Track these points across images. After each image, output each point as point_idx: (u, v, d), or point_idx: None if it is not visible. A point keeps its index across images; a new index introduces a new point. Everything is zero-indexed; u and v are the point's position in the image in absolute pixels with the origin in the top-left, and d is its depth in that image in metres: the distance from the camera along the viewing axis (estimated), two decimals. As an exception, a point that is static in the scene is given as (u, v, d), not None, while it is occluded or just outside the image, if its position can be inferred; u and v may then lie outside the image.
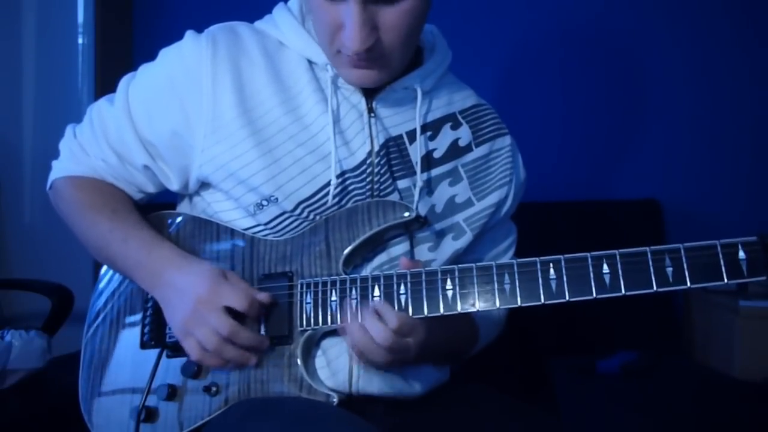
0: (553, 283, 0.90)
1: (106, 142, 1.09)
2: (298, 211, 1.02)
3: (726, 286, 0.87)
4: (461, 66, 1.19)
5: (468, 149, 1.11)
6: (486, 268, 0.93)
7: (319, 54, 1.03)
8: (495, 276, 0.92)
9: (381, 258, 1.03)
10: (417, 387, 1.06)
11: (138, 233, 1.05)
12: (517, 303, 0.91)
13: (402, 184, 1.05)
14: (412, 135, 1.07)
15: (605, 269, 0.88)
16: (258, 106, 1.02)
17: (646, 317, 2.04)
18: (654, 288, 0.87)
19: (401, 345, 0.92)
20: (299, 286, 1.00)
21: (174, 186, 1.10)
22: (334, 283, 0.98)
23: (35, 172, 2.01)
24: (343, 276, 0.98)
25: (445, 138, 1.10)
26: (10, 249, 2.04)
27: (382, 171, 1.04)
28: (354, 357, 0.98)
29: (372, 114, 1.05)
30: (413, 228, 1.03)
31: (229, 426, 0.94)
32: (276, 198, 1.01)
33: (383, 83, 1.03)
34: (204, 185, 1.08)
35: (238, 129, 1.01)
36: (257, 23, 1.09)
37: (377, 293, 0.95)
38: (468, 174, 1.10)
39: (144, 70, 1.10)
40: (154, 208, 1.13)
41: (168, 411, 1.01)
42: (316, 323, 0.97)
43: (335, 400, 0.95)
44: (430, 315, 0.93)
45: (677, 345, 2.17)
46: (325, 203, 1.01)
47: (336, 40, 0.96)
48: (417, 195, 1.03)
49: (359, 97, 1.05)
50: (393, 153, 1.05)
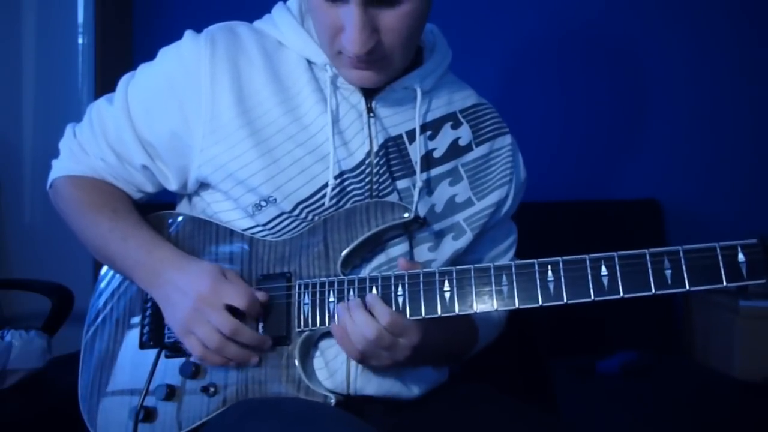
0: (551, 285, 0.89)
1: (105, 141, 1.09)
2: (296, 212, 1.01)
3: (725, 287, 0.86)
4: (462, 65, 1.19)
5: (468, 149, 1.11)
6: (484, 269, 0.92)
7: (319, 54, 1.03)
8: (493, 278, 0.92)
9: (380, 259, 1.02)
10: (415, 388, 1.05)
11: (138, 233, 1.05)
12: (515, 305, 0.90)
13: (401, 184, 1.05)
14: (411, 135, 1.06)
15: (603, 271, 0.88)
16: (257, 106, 1.01)
17: (646, 317, 2.04)
18: (652, 291, 0.86)
19: (390, 342, 0.92)
20: (297, 286, 0.99)
21: (173, 186, 1.10)
22: (332, 284, 0.97)
23: (35, 172, 2.01)
24: (341, 277, 0.98)
25: (445, 138, 1.09)
26: (10, 249, 2.04)
27: (381, 171, 1.03)
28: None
29: (371, 114, 1.05)
30: (412, 228, 1.03)
31: (228, 426, 0.94)
32: (274, 198, 1.01)
33: (384, 83, 1.03)
34: (203, 185, 1.08)
35: (236, 129, 1.00)
36: (256, 23, 1.09)
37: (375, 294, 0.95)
38: (468, 174, 1.10)
39: (143, 69, 1.10)
40: (153, 208, 1.13)
41: (166, 411, 1.01)
42: (313, 324, 0.97)
43: (333, 401, 0.95)
44: (427, 317, 0.93)
45: (677, 345, 2.17)
46: (323, 204, 1.01)
47: (336, 41, 0.95)
48: (416, 195, 1.03)
49: (359, 97, 1.05)
50: (392, 153, 1.05)
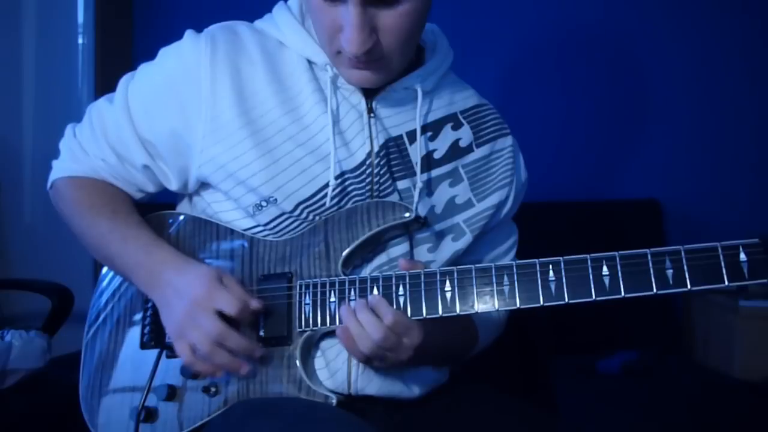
0: (553, 285, 0.89)
1: (105, 141, 1.09)
2: (297, 212, 1.01)
3: (726, 286, 0.86)
4: (463, 65, 1.18)
5: (469, 150, 1.10)
6: (485, 269, 0.92)
7: (319, 54, 1.03)
8: (494, 277, 0.91)
9: (380, 259, 1.02)
10: (416, 388, 1.05)
11: (137, 234, 1.05)
12: (516, 305, 0.90)
13: (402, 184, 1.04)
14: (412, 135, 1.06)
15: (605, 271, 0.88)
16: (257, 106, 1.01)
17: (646, 317, 2.04)
18: (654, 291, 0.86)
19: (394, 342, 0.92)
20: (298, 287, 0.99)
21: (173, 186, 1.10)
22: (333, 284, 0.97)
23: (35, 172, 2.02)
24: (342, 277, 0.98)
25: (446, 138, 1.09)
26: (10, 249, 2.04)
27: (381, 172, 1.03)
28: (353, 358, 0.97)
29: (372, 114, 1.04)
30: (413, 229, 1.03)
31: (229, 426, 0.94)
32: (275, 199, 1.01)
33: (384, 83, 1.03)
34: (204, 185, 1.08)
35: (237, 129, 1.00)
36: (257, 23, 1.09)
37: (376, 294, 0.94)
38: (468, 175, 1.10)
39: (143, 69, 1.10)
40: (154, 208, 1.13)
41: (168, 411, 1.01)
42: (314, 324, 0.97)
43: (334, 401, 0.95)
44: (428, 317, 0.93)
45: (677, 345, 2.17)
46: (324, 204, 1.01)
47: (335, 41, 0.95)
48: (417, 196, 1.03)
49: (359, 98, 1.04)
50: (393, 153, 1.05)
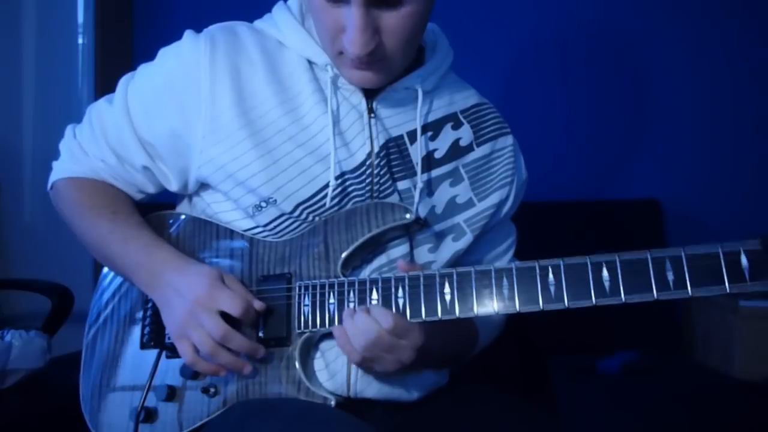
0: (552, 288, 0.88)
1: (105, 142, 1.09)
2: (297, 213, 1.01)
3: (728, 292, 0.85)
4: (463, 65, 1.18)
5: (469, 149, 1.10)
6: (485, 271, 0.92)
7: (319, 54, 1.03)
8: (494, 280, 0.91)
9: (380, 260, 1.02)
10: (415, 391, 1.05)
11: (138, 234, 1.05)
12: (516, 309, 0.90)
13: (402, 185, 1.04)
14: (412, 135, 1.06)
15: (605, 275, 0.87)
16: (257, 106, 1.01)
17: (646, 317, 2.04)
18: (654, 296, 0.85)
19: (391, 343, 0.91)
20: (297, 288, 0.99)
21: (173, 187, 1.10)
22: (332, 286, 0.97)
23: (35, 172, 2.02)
24: (341, 279, 0.98)
25: (446, 138, 1.09)
26: (10, 249, 2.04)
27: (381, 172, 1.03)
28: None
29: (372, 114, 1.04)
30: (413, 230, 1.03)
31: (229, 426, 0.94)
32: (275, 199, 1.00)
33: (385, 84, 1.03)
34: (203, 186, 1.08)
35: (236, 130, 1.00)
36: (257, 23, 1.08)
37: (375, 296, 0.94)
38: (469, 174, 1.09)
39: (143, 70, 1.10)
40: (154, 208, 1.13)
41: (167, 411, 1.01)
42: (314, 326, 0.97)
43: (333, 402, 0.95)
44: (428, 319, 0.92)
45: (677, 345, 2.16)
46: (324, 205, 1.01)
47: (337, 41, 0.95)
48: (417, 196, 1.03)
49: (359, 98, 1.04)
50: (393, 154, 1.04)
